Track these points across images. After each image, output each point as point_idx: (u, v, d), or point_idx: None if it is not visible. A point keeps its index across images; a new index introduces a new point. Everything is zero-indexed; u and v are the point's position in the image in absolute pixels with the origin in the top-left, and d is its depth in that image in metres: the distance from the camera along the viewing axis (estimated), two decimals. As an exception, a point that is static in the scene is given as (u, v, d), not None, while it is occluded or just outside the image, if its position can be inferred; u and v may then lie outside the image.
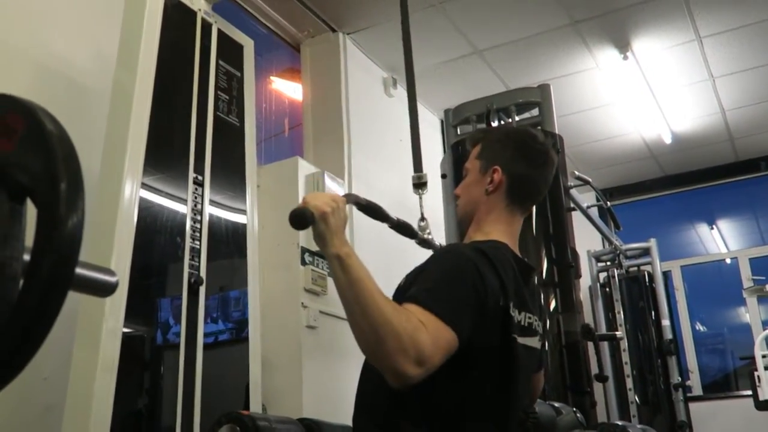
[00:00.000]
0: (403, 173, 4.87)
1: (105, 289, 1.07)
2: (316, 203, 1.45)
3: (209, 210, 2.29)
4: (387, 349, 1.35)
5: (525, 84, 5.06)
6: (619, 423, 2.36)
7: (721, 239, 7.31)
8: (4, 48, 2.34)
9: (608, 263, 6.31)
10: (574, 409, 2.66)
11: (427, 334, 1.39)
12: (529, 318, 1.69)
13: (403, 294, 1.58)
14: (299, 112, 4.58)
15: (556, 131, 3.66)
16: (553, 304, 3.35)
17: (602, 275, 6.33)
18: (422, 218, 2.20)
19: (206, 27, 2.39)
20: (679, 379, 5.76)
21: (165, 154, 2.21)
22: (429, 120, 5.42)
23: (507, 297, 1.60)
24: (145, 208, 2.09)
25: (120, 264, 1.96)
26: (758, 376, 5.05)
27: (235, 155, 2.43)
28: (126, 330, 1.98)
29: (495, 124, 3.69)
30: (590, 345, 3.42)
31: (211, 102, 2.33)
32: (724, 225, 7.36)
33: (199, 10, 2.37)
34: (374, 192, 4.48)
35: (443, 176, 3.79)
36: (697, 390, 6.47)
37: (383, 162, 4.56)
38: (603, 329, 6.09)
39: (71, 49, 2.54)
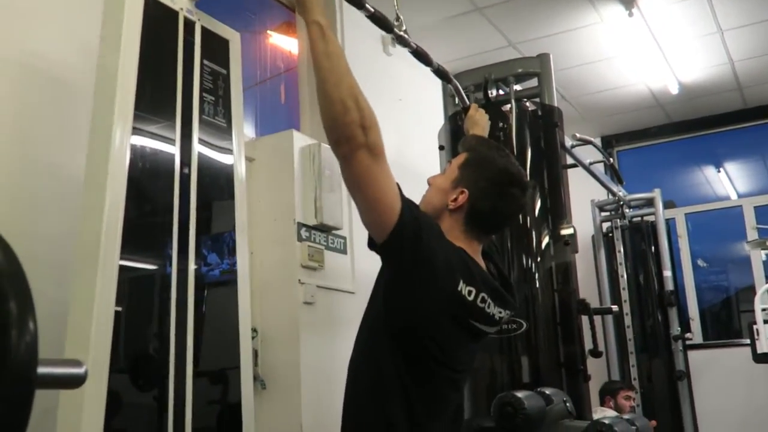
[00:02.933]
0: (402, 134, 4.80)
1: (73, 383, 1.09)
2: None
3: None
4: (350, 118, 1.52)
5: (527, 39, 4.95)
6: (606, 421, 2.39)
7: (729, 182, 7.21)
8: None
9: (611, 212, 6.29)
10: (565, 398, 2.70)
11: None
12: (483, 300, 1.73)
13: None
14: (294, 64, 4.49)
15: (555, 102, 3.58)
16: (548, 281, 3.35)
17: (605, 225, 6.32)
18: None
19: (189, 26, 2.33)
20: (679, 329, 5.81)
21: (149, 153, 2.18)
22: (431, 76, 5.31)
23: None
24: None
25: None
26: (757, 330, 5.10)
27: (222, 152, 2.39)
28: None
29: (493, 94, 3.62)
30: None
31: (196, 106, 2.28)
32: (732, 168, 7.26)
33: (181, 9, 2.30)
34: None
35: (441, 148, 3.75)
36: (698, 338, 6.52)
37: (381, 123, 4.46)
38: (605, 279, 6.12)
39: (51, 46, 2.49)
